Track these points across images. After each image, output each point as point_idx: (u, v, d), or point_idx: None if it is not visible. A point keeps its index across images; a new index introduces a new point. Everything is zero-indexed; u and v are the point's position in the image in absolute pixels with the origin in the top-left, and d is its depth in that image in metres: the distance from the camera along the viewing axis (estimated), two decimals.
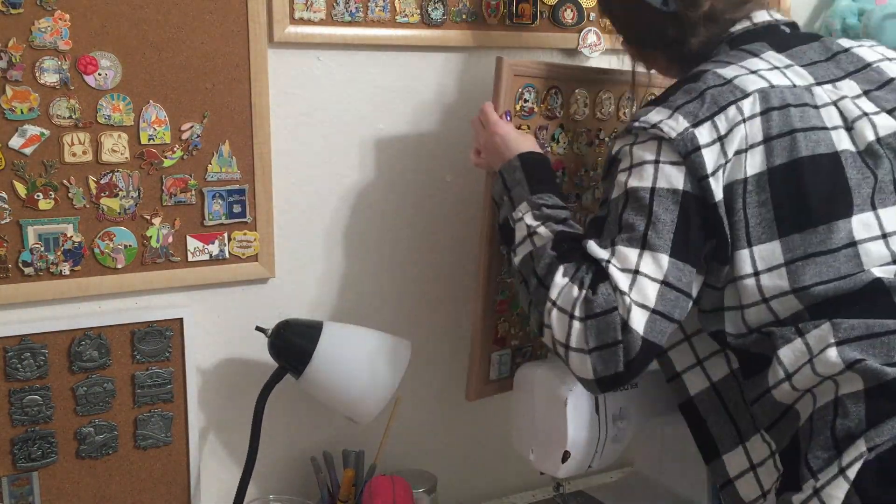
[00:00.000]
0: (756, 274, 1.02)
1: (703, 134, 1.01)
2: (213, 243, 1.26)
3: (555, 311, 1.02)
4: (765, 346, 1.02)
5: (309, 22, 1.28)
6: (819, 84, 1.07)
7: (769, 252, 1.01)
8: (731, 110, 1.02)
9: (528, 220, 1.13)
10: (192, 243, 1.25)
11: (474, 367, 1.35)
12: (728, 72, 1.06)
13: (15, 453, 1.17)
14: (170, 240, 1.23)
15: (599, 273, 1.01)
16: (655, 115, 1.04)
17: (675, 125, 1.02)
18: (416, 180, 1.42)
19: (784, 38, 1.13)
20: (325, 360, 1.21)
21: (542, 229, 1.11)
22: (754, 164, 1.01)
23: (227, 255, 1.27)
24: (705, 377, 1.13)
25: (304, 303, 1.36)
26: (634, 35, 1.23)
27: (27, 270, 1.15)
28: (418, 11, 1.35)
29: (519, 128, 1.30)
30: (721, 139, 1.01)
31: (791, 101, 1.04)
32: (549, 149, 1.35)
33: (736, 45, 1.12)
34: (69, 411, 1.20)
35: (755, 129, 1.02)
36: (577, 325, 1.00)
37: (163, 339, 1.24)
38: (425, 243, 1.44)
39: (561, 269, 1.04)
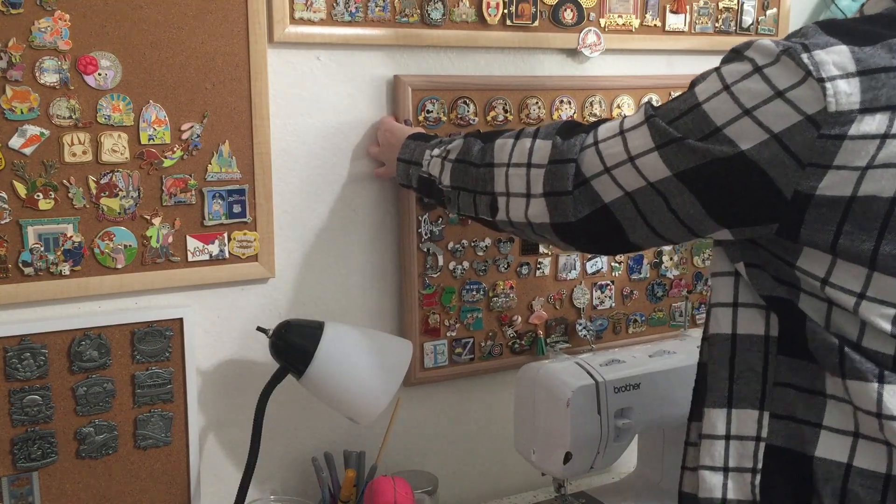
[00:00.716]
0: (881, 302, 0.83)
1: (870, 123, 0.78)
2: (213, 243, 1.26)
3: (511, 169, 1.03)
4: (827, 358, 0.85)
5: (309, 22, 1.28)
6: None
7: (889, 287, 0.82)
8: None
9: (435, 152, 1.18)
10: (192, 243, 1.25)
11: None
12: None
13: (15, 453, 1.17)
14: (170, 240, 1.23)
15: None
16: (832, 55, 0.79)
17: (845, 92, 0.78)
18: None
19: None
20: (326, 360, 1.21)
21: (452, 146, 1.15)
22: None
23: (227, 255, 1.27)
24: (731, 323, 0.94)
25: (304, 303, 1.36)
26: None
27: (27, 270, 1.15)
28: (418, 11, 1.35)
29: None
30: (886, 137, 0.78)
31: None
32: None
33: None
34: (69, 411, 1.20)
35: None
36: (533, 171, 1.00)
37: (163, 339, 1.24)
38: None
39: (502, 139, 1.06)
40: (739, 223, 0.87)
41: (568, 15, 1.46)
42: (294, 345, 1.22)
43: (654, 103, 0.97)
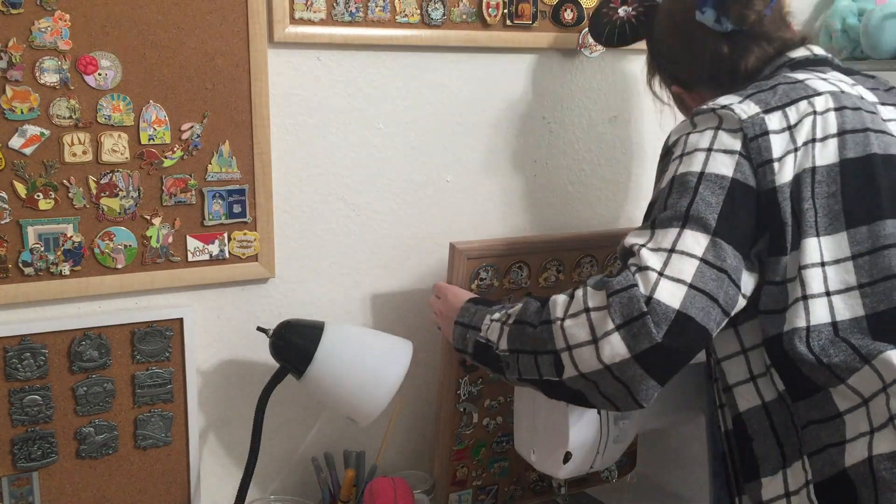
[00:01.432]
0: (822, 265, 0.99)
1: (773, 121, 1.02)
2: (213, 243, 1.26)
3: (567, 321, 0.99)
4: (821, 376, 0.98)
5: (309, 22, 1.28)
6: (883, 104, 1.09)
7: (835, 244, 1.00)
8: (803, 104, 1.03)
9: (496, 316, 1.12)
10: (192, 243, 1.25)
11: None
12: (798, 76, 1.08)
13: (15, 453, 1.17)
14: (170, 240, 1.23)
15: (624, 267, 0.99)
16: (725, 100, 1.05)
17: (746, 108, 1.03)
18: (417, 180, 1.42)
19: (843, 68, 1.15)
20: (326, 360, 1.21)
21: (513, 310, 1.10)
22: (826, 155, 1.01)
23: (227, 255, 1.27)
24: (757, 394, 1.05)
25: (304, 303, 1.36)
26: (685, 70, 1.22)
27: (27, 270, 1.15)
28: (418, 11, 1.35)
29: None
30: (790, 128, 1.02)
31: (862, 106, 1.05)
32: None
33: (798, 67, 1.12)
34: (69, 411, 1.20)
35: (829, 123, 1.02)
36: (594, 314, 0.97)
37: (163, 339, 1.24)
38: (426, 243, 1.44)
39: (556, 296, 1.03)
40: (753, 249, 1.01)
41: (568, 15, 1.46)
42: (294, 345, 1.22)
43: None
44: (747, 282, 1.00)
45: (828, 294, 0.99)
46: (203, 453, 1.32)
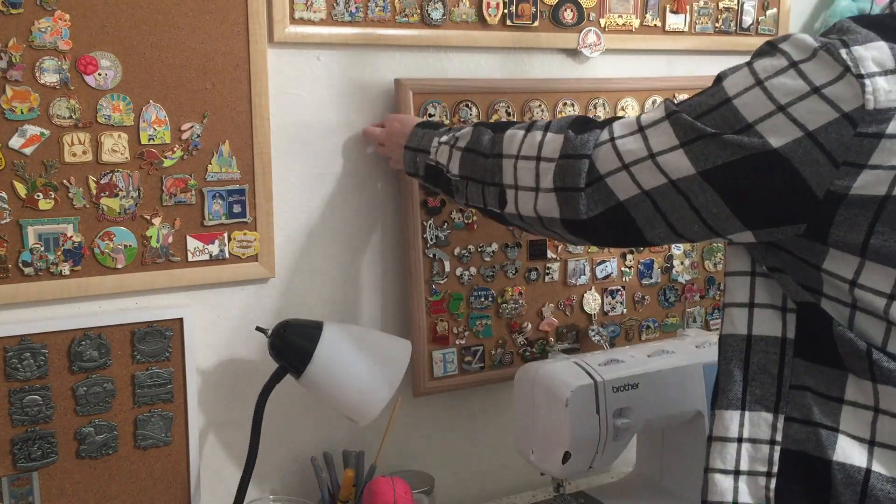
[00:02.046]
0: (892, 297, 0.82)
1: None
2: (213, 243, 1.26)
3: (520, 162, 1.01)
4: (856, 363, 0.84)
5: (309, 22, 1.28)
6: None
7: None
8: None
9: (444, 139, 1.16)
10: (192, 243, 1.25)
11: (418, 365, 1.39)
12: None
13: (15, 453, 1.17)
14: (170, 240, 1.23)
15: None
16: (871, 51, 0.78)
17: (884, 89, 0.76)
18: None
19: None
20: (325, 360, 1.21)
21: (461, 133, 1.13)
22: None
23: (227, 255, 1.27)
24: (746, 324, 0.92)
25: (304, 303, 1.36)
26: None
27: (27, 270, 1.15)
28: (418, 11, 1.35)
29: None
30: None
31: None
32: None
33: None
34: (69, 411, 1.20)
35: None
36: (543, 164, 0.98)
37: (163, 339, 1.24)
38: None
39: (513, 130, 1.04)
40: (766, 224, 0.85)
41: (568, 15, 1.46)
42: (293, 344, 1.22)
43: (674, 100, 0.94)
44: (736, 236, 0.89)
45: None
46: (203, 453, 1.32)
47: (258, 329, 1.24)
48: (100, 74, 1.15)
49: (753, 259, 0.92)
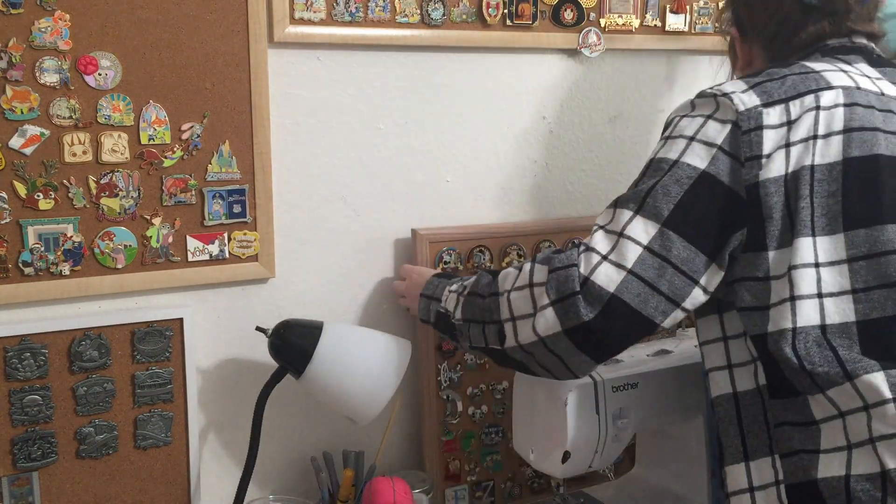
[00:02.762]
0: (817, 265, 0.97)
1: (772, 115, 1.00)
2: (213, 243, 1.26)
3: (513, 294, 1.07)
4: (802, 381, 0.97)
5: (309, 22, 1.28)
6: None
7: (832, 245, 0.98)
8: (809, 98, 1.00)
9: (454, 287, 1.21)
10: (192, 243, 1.25)
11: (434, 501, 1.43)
12: (816, 66, 1.05)
13: (15, 453, 1.17)
14: (170, 240, 1.23)
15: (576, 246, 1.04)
16: (730, 86, 1.04)
17: (746, 99, 1.01)
18: (416, 181, 1.42)
19: (877, 58, 1.11)
20: (325, 360, 1.21)
21: (468, 282, 1.18)
22: (828, 153, 0.98)
23: (227, 255, 1.27)
24: (730, 383, 1.06)
25: (304, 303, 1.36)
26: (753, 17, 1.18)
27: (27, 270, 1.15)
28: (418, 11, 1.35)
29: None
30: (790, 123, 0.99)
31: (876, 105, 1.02)
32: None
33: (827, 54, 1.10)
34: (69, 411, 1.20)
35: (835, 119, 0.99)
36: (536, 289, 1.04)
37: (163, 339, 1.24)
38: None
39: (507, 270, 1.11)
40: (718, 245, 1.00)
41: (568, 15, 1.46)
42: (293, 345, 1.22)
43: None
44: (709, 276, 1.00)
45: (819, 296, 0.97)
46: (203, 453, 1.32)
47: (258, 329, 1.24)
48: (100, 74, 1.15)
49: (722, 324, 1.06)
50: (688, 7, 1.57)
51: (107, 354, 1.21)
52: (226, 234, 1.27)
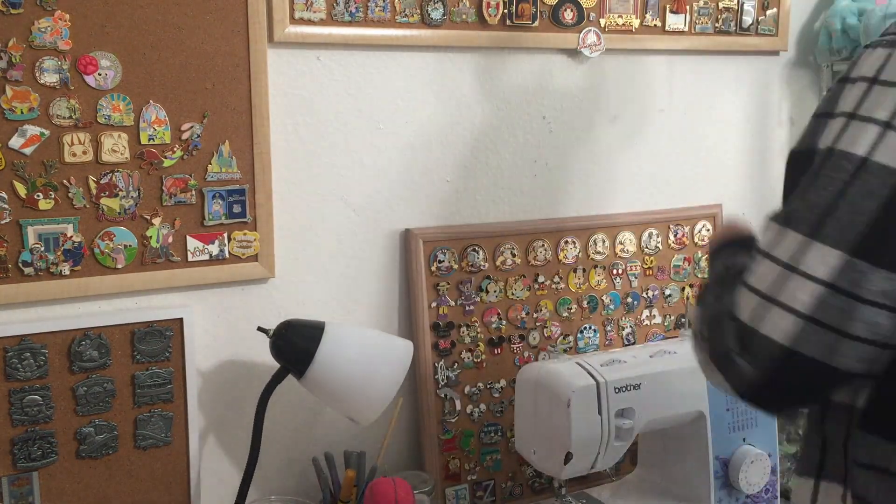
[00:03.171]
0: None
1: None
2: (213, 243, 1.26)
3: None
4: None
5: (309, 22, 1.28)
6: None
7: None
8: None
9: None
10: (192, 243, 1.25)
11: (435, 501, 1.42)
12: None
13: (15, 453, 1.17)
14: (170, 240, 1.23)
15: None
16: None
17: None
18: (416, 181, 1.42)
19: None
20: (327, 360, 1.21)
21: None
22: None
23: (227, 255, 1.27)
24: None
25: (304, 303, 1.36)
26: None
27: (27, 270, 1.15)
28: (418, 11, 1.35)
29: (437, 285, 1.41)
30: None
31: None
32: (477, 299, 1.45)
33: None
34: (69, 411, 1.20)
35: None
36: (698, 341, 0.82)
37: (163, 339, 1.23)
38: None
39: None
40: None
41: (568, 15, 1.46)
42: (295, 345, 1.22)
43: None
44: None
45: None
46: (203, 453, 1.31)
47: (260, 329, 1.23)
48: (100, 74, 1.15)
49: None
50: (688, 7, 1.57)
51: (107, 354, 1.21)
52: (226, 234, 1.27)
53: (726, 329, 0.76)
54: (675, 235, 1.63)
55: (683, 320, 1.64)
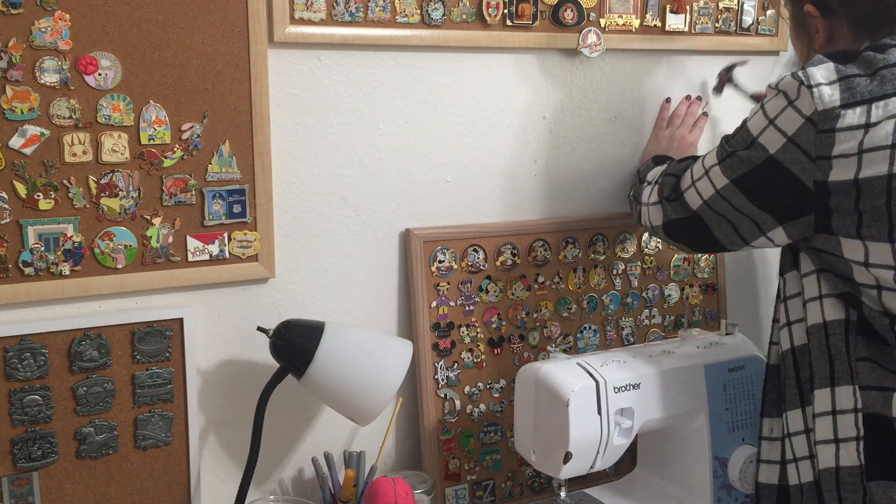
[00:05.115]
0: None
1: (850, 117, 1.02)
2: (213, 243, 1.26)
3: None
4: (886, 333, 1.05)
5: (309, 22, 1.28)
6: None
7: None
8: (893, 101, 1.01)
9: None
10: (192, 243, 1.25)
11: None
12: None
13: (15, 453, 1.17)
14: (170, 240, 1.23)
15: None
16: (820, 73, 1.05)
17: (827, 96, 1.03)
18: (416, 181, 1.42)
19: None
20: (326, 360, 1.21)
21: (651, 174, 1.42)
22: None
23: (227, 255, 1.27)
24: (820, 312, 1.13)
25: (304, 303, 1.36)
26: None
27: (27, 270, 1.15)
28: (418, 11, 1.35)
29: (437, 285, 1.42)
30: (867, 126, 1.01)
31: None
32: (477, 299, 1.46)
33: None
34: (69, 411, 1.20)
35: None
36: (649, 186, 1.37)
37: (163, 339, 1.24)
38: None
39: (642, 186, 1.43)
40: (785, 217, 1.11)
41: (568, 15, 1.46)
42: (295, 345, 1.22)
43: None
44: (774, 234, 1.14)
45: None
46: (203, 453, 1.32)
47: (260, 329, 1.23)
48: (100, 74, 1.15)
49: (812, 261, 1.15)
50: (688, 7, 1.57)
51: (107, 354, 1.21)
52: (226, 234, 1.27)
53: (665, 184, 1.28)
54: None
55: (683, 320, 1.65)
